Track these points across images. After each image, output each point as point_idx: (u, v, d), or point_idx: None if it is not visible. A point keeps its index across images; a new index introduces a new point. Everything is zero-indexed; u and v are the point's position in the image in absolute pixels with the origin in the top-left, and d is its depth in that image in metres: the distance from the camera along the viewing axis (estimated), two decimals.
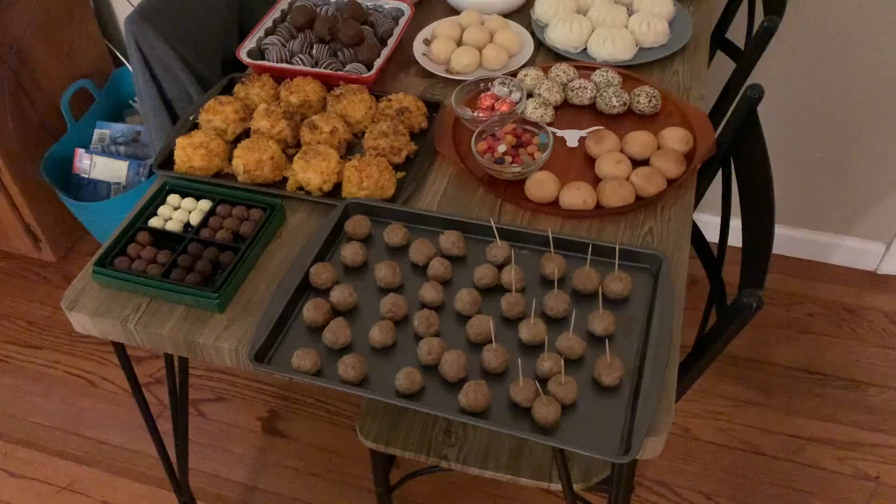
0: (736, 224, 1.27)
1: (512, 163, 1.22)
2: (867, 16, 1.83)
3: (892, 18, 1.81)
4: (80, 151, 2.29)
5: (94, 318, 1.08)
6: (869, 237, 2.28)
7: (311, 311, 1.02)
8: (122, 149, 2.35)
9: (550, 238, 1.06)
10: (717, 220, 1.37)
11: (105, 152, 2.33)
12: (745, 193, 1.21)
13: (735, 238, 1.28)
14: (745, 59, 1.47)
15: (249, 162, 1.24)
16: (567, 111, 1.38)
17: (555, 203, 1.19)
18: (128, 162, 2.28)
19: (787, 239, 2.32)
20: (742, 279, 1.07)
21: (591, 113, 1.37)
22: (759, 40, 1.39)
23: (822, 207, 2.24)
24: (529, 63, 1.48)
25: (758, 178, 1.16)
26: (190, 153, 1.26)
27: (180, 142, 1.27)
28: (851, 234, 2.28)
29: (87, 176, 2.30)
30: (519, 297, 1.02)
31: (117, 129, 2.37)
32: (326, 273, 1.07)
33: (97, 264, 1.11)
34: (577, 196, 1.17)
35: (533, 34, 1.56)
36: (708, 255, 1.35)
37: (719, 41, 1.70)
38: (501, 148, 1.24)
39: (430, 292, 1.04)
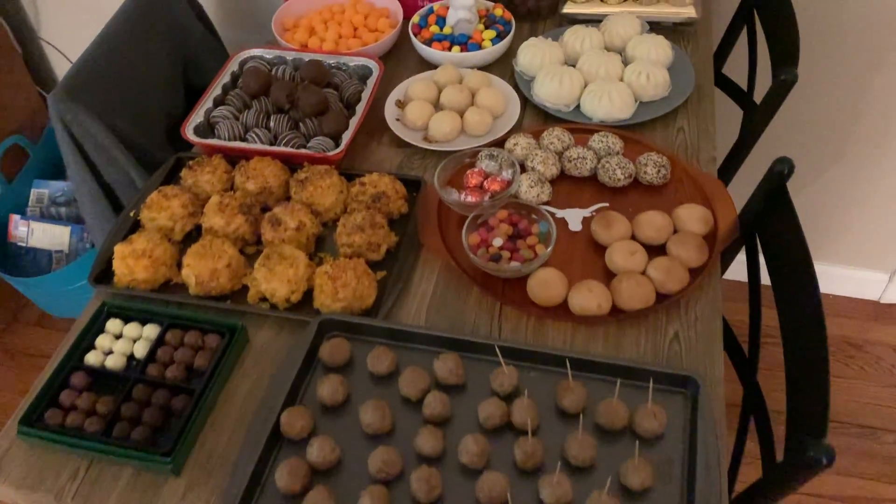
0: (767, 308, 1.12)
1: (510, 259, 1.05)
2: (872, 45, 1.70)
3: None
4: (14, 218, 2.07)
5: (20, 491, 0.89)
6: (871, 267, 2.17)
7: (285, 476, 0.84)
8: (63, 210, 2.13)
9: (569, 367, 0.90)
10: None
11: (44, 216, 2.11)
12: (781, 287, 1.06)
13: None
14: (760, 113, 1.32)
15: (202, 273, 1.05)
16: (565, 183, 1.21)
17: (563, 305, 1.03)
18: (70, 227, 2.06)
19: None
20: (793, 418, 0.91)
21: (592, 185, 1.21)
22: (776, 94, 1.25)
23: (823, 238, 2.12)
24: (517, 126, 1.31)
25: (794, 268, 1.01)
26: (131, 264, 1.07)
27: (119, 250, 1.08)
28: (853, 264, 2.17)
29: (24, 244, 2.08)
30: (536, 445, 0.85)
31: (57, 187, 2.15)
32: (301, 421, 0.89)
33: (23, 422, 0.92)
34: (590, 299, 1.00)
35: (517, 87, 1.39)
36: (736, 349, 1.19)
37: (716, 76, 1.55)
38: (497, 241, 1.07)
39: (428, 441, 0.87)
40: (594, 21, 1.51)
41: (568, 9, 1.53)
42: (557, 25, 1.55)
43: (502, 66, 1.45)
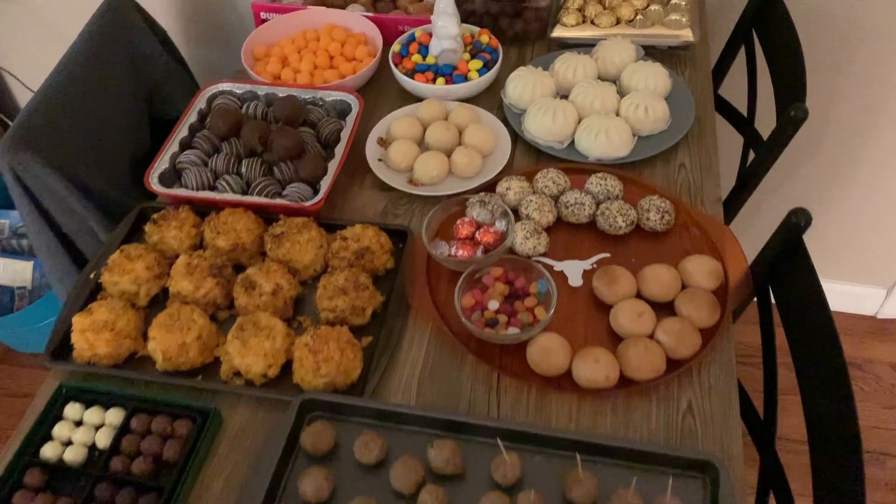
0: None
1: (508, 324, 0.97)
2: (872, 61, 1.63)
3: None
4: None
5: None
6: (868, 283, 2.11)
7: None
8: (25, 242, 2.01)
9: (579, 460, 0.81)
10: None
11: (5, 250, 1.99)
12: (800, 349, 0.98)
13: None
14: (767, 151, 1.24)
15: (170, 347, 0.95)
16: (562, 231, 1.13)
17: (567, 374, 0.95)
18: (32, 262, 1.95)
19: None
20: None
21: (591, 232, 1.12)
22: (785, 131, 1.17)
23: (819, 254, 2.05)
24: (508, 165, 1.22)
25: (815, 331, 0.93)
26: (91, 339, 0.97)
27: (78, 323, 0.98)
28: (850, 280, 2.11)
29: None
30: None
31: (18, 217, 2.03)
32: None
33: None
34: (596, 371, 0.92)
35: (505, 119, 1.30)
36: (750, 411, 1.11)
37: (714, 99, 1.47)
38: (493, 304, 0.98)
39: None
40: (585, 45, 1.42)
41: (557, 32, 1.44)
42: (546, 50, 1.46)
43: (490, 97, 1.36)
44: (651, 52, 1.40)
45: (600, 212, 1.11)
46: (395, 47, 1.39)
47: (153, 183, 1.16)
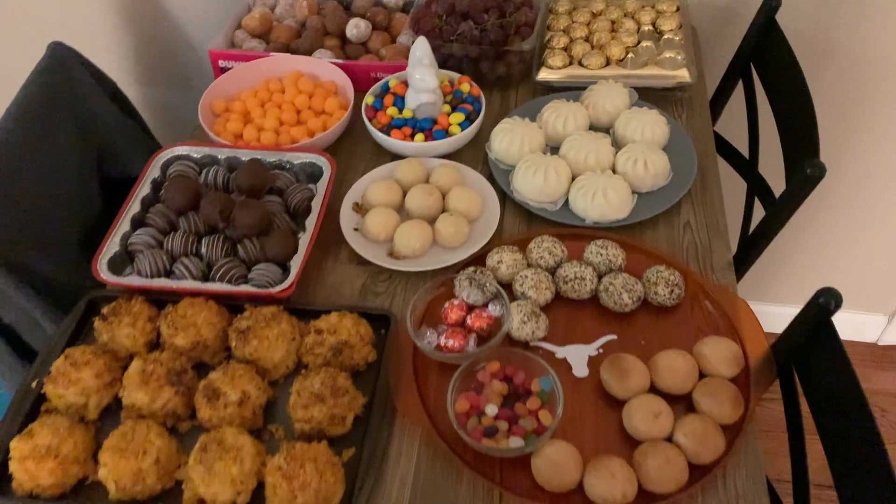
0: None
1: (509, 432, 0.86)
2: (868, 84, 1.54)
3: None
4: None
5: None
6: (869, 310, 2.03)
7: None
8: None
9: None
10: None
11: None
12: (832, 438, 0.88)
13: None
14: (780, 209, 1.14)
15: (123, 475, 0.83)
16: (561, 309, 1.02)
17: (578, 488, 0.84)
18: None
19: (786, 317, 2.05)
20: None
21: (593, 308, 1.02)
22: (800, 189, 1.07)
23: (819, 282, 1.97)
24: (497, 231, 1.11)
25: (849, 421, 0.83)
26: (32, 468, 0.84)
27: (17, 449, 0.86)
28: (850, 308, 2.03)
29: None
30: None
31: None
32: None
33: None
34: (612, 487, 0.81)
35: (491, 176, 1.19)
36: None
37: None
38: (490, 409, 0.87)
39: None
40: (573, 88, 1.31)
41: (543, 75, 1.33)
42: (532, 93, 1.35)
43: (474, 150, 1.25)
44: (645, 93, 1.30)
45: (603, 287, 1.00)
46: (368, 99, 1.27)
47: (102, 270, 1.03)
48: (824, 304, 0.87)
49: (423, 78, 1.18)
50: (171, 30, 1.71)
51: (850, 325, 2.07)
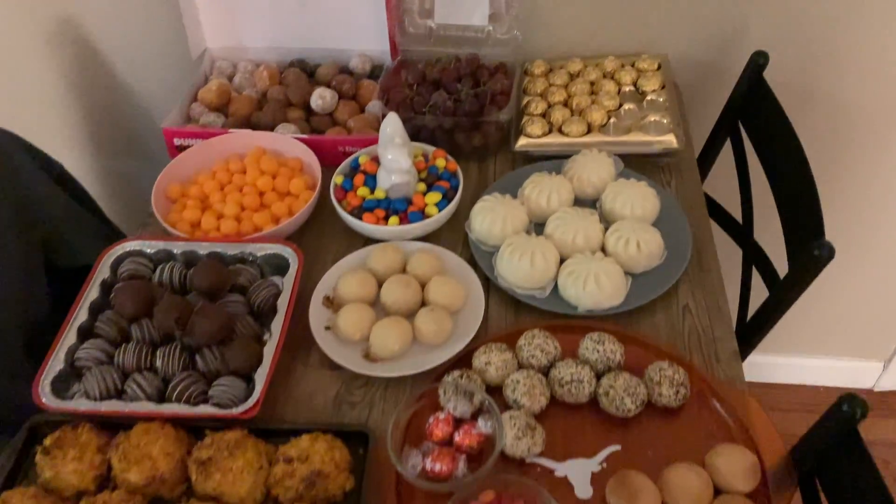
0: None
1: None
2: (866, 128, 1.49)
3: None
4: None
5: None
6: (864, 357, 1.97)
7: None
8: None
9: None
10: None
11: None
12: None
13: None
14: (788, 291, 1.07)
15: None
16: (558, 415, 0.93)
17: None
18: None
19: (780, 366, 1.98)
20: None
21: (591, 413, 0.93)
22: (808, 270, 1.00)
23: (814, 330, 1.91)
24: (483, 325, 1.02)
25: None
26: None
27: None
28: (846, 355, 1.97)
29: None
30: None
31: None
32: None
33: None
34: None
35: (472, 258, 1.10)
36: None
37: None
38: None
39: None
40: (554, 157, 1.24)
41: (522, 144, 1.25)
42: (511, 162, 1.27)
43: (453, 230, 1.16)
44: (630, 159, 1.23)
45: (603, 391, 0.91)
46: (337, 179, 1.18)
47: (45, 394, 0.92)
48: (848, 412, 0.79)
49: (395, 158, 1.10)
50: (125, 98, 1.61)
51: (845, 372, 2.01)
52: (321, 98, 1.31)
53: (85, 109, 1.62)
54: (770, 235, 1.25)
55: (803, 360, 1.99)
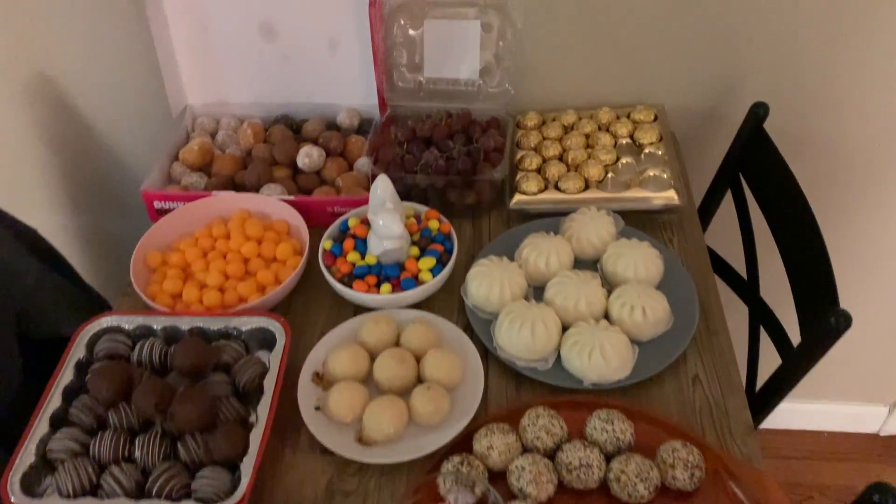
0: None
1: None
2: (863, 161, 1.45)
3: None
4: None
5: None
6: (869, 401, 1.93)
7: None
8: None
9: None
10: None
11: None
12: None
13: None
14: (803, 359, 1.02)
15: None
16: (565, 500, 0.87)
17: None
18: None
19: (783, 411, 1.93)
20: None
21: (601, 499, 0.87)
22: (824, 339, 0.95)
23: (816, 375, 1.86)
24: (483, 401, 0.96)
25: None
26: None
27: None
28: (850, 400, 1.93)
29: None
30: None
31: None
32: None
33: None
34: None
35: (469, 326, 1.05)
36: None
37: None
38: None
39: None
40: (551, 214, 1.19)
41: (517, 201, 1.21)
42: (506, 221, 1.23)
43: (448, 294, 1.11)
44: (630, 215, 1.18)
45: (614, 476, 0.85)
46: (326, 244, 1.13)
47: (14, 492, 0.85)
48: (878, 502, 0.73)
49: (387, 225, 1.04)
50: (103, 155, 1.55)
51: (849, 417, 1.96)
52: (308, 156, 1.27)
53: (62, 167, 1.56)
54: (777, 291, 1.21)
55: (806, 405, 1.94)
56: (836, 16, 1.24)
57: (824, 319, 0.92)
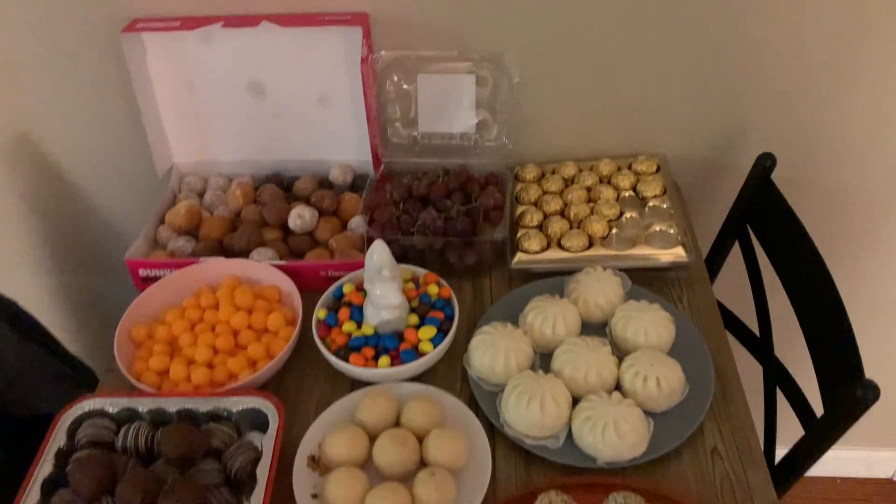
0: None
1: None
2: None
3: None
4: None
5: None
6: (881, 445, 1.87)
7: None
8: None
9: None
10: None
11: None
12: None
13: None
14: (828, 431, 0.97)
15: None
16: None
17: None
18: None
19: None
20: None
21: None
22: (848, 413, 0.90)
23: None
24: (490, 485, 0.90)
25: None
26: None
27: None
28: (861, 445, 1.87)
29: None
30: None
31: None
32: None
33: None
34: None
35: (472, 399, 0.99)
36: None
37: None
38: None
39: None
40: (555, 274, 1.14)
41: (519, 261, 1.16)
42: (508, 281, 1.18)
43: (450, 363, 1.05)
44: (637, 273, 1.14)
45: None
46: (320, 314, 1.07)
47: None
48: None
49: (384, 294, 0.99)
50: (88, 216, 1.50)
51: (861, 462, 1.91)
52: (300, 217, 1.22)
53: (46, 228, 1.51)
54: (792, 348, 1.16)
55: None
56: (840, 61, 1.21)
57: (849, 391, 0.87)
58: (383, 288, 0.99)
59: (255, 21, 1.17)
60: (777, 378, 1.15)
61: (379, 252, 1.02)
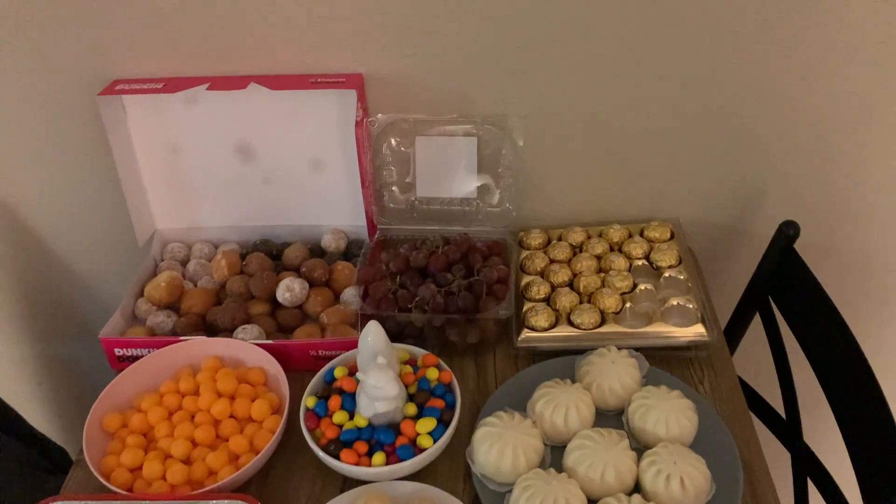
0: None
1: None
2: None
3: None
4: None
5: None
6: None
7: None
8: None
9: None
10: None
11: None
12: None
13: None
14: None
15: None
16: None
17: None
18: None
19: None
20: None
21: None
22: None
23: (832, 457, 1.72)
24: None
25: None
26: None
27: None
28: None
29: None
30: None
31: None
32: None
33: None
34: None
35: (476, 500, 0.90)
36: None
37: None
38: None
39: None
40: (562, 353, 1.06)
41: (526, 338, 1.07)
42: (514, 360, 1.09)
43: (451, 457, 0.96)
44: (651, 354, 1.05)
45: None
46: (309, 402, 0.98)
47: None
48: None
49: (379, 385, 0.90)
50: (65, 282, 1.41)
51: None
52: (289, 290, 1.13)
53: (22, 294, 1.42)
54: (823, 433, 1.07)
55: None
56: (858, 120, 1.14)
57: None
58: (378, 377, 0.90)
59: (243, 83, 1.10)
60: (807, 466, 1.05)
61: (374, 335, 0.93)
